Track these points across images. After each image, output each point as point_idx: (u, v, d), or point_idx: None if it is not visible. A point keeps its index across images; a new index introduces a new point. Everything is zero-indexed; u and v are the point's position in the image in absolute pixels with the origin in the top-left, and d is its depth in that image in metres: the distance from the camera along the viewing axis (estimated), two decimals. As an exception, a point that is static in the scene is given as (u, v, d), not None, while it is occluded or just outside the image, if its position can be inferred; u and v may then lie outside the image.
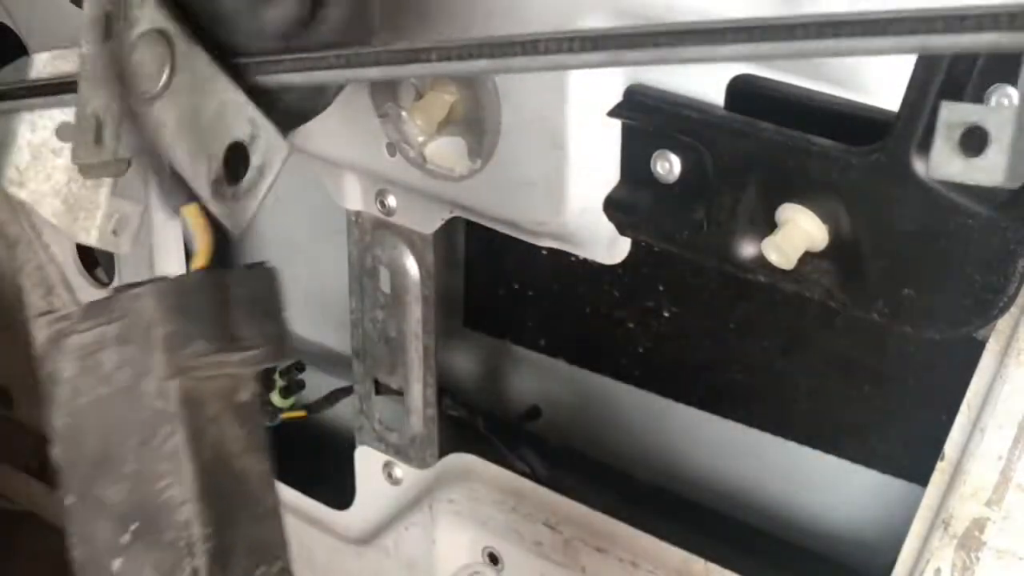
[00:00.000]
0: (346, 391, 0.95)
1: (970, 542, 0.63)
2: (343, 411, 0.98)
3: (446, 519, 0.88)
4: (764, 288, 0.81)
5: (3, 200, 1.11)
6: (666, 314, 0.88)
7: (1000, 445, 0.61)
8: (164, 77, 0.53)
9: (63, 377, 0.56)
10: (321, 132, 0.79)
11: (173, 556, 0.54)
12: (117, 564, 0.55)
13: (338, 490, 0.99)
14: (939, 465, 0.65)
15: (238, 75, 0.53)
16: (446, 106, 0.70)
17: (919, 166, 0.55)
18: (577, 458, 0.97)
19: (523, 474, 0.86)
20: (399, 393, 0.89)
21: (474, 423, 0.90)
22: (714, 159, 0.61)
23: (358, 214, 0.84)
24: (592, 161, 0.67)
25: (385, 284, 0.85)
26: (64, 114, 0.70)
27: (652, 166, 0.65)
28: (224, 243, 1.20)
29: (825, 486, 0.86)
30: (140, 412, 0.54)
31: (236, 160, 0.54)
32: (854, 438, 0.83)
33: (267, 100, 0.54)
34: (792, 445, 0.86)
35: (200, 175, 0.54)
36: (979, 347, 0.61)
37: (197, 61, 0.53)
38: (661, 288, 0.87)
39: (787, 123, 0.59)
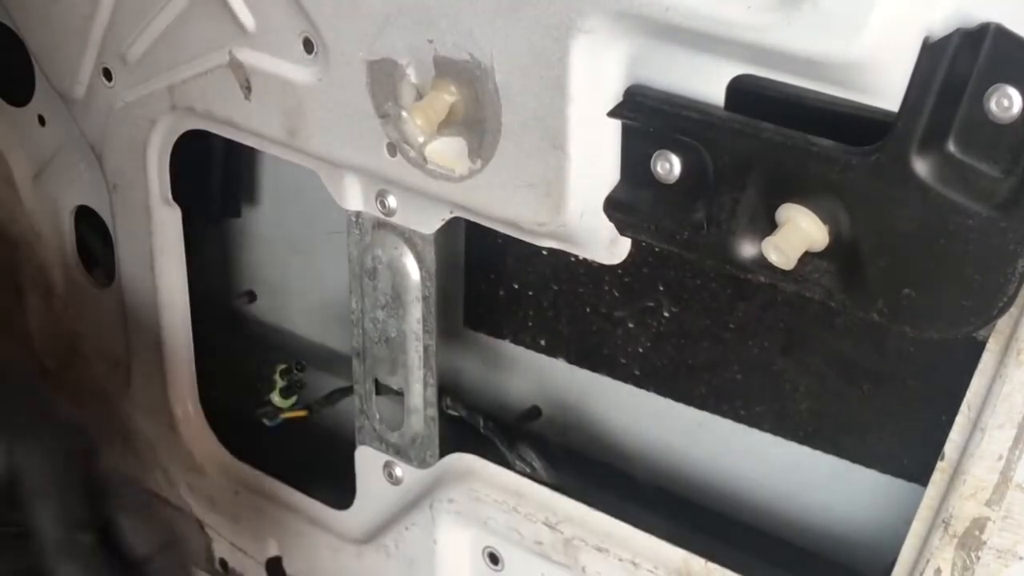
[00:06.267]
0: (346, 391, 0.95)
1: (970, 542, 0.64)
2: (343, 411, 0.98)
3: (446, 519, 0.88)
4: (764, 288, 0.82)
5: (3, 201, 1.11)
6: (666, 314, 0.88)
7: (1000, 445, 0.61)
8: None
9: None
10: (321, 132, 0.79)
11: None
12: None
13: (338, 490, 0.99)
14: (939, 465, 0.65)
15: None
16: (446, 106, 0.70)
17: (919, 166, 0.55)
18: (577, 458, 0.97)
19: (523, 474, 0.86)
20: (399, 393, 0.89)
21: (474, 423, 0.90)
22: (714, 159, 0.62)
23: (358, 214, 0.84)
24: (592, 161, 0.67)
25: (385, 284, 0.85)
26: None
27: (652, 166, 0.65)
28: (224, 244, 1.21)
29: (825, 486, 0.86)
30: None
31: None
32: (854, 438, 0.83)
33: None
34: (792, 445, 0.86)
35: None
36: (979, 347, 0.61)
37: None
38: (661, 288, 0.87)
39: (787, 123, 0.59)
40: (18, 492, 0.69)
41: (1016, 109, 0.52)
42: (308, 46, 0.76)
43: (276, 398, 1.00)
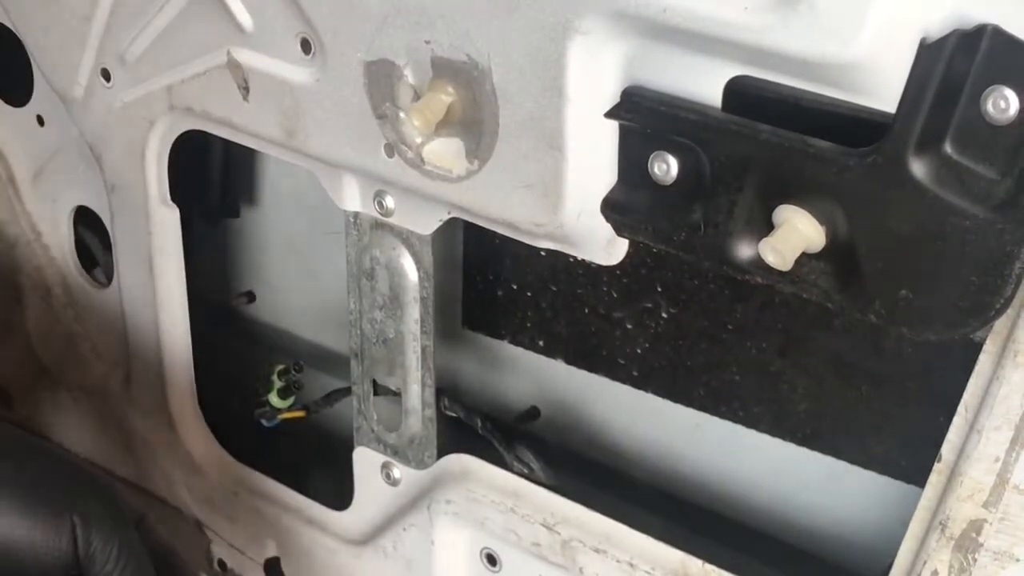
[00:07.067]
0: (345, 392, 0.95)
1: (967, 544, 0.64)
2: (342, 412, 0.98)
3: (444, 520, 0.88)
4: (761, 289, 0.82)
5: (3, 201, 1.11)
6: (664, 315, 0.88)
7: (997, 447, 0.61)
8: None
9: None
10: (319, 133, 0.79)
11: None
12: None
13: (337, 490, 0.99)
14: (936, 467, 0.65)
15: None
16: (444, 107, 0.70)
17: (916, 168, 0.55)
18: (575, 459, 0.97)
19: (521, 475, 0.86)
20: (397, 394, 0.89)
21: (472, 424, 0.90)
22: (711, 161, 0.62)
23: (356, 215, 0.84)
24: (589, 162, 0.67)
25: (383, 285, 0.85)
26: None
27: (649, 167, 0.65)
28: (223, 244, 1.21)
29: (823, 487, 0.86)
30: None
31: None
32: (851, 439, 0.83)
33: None
34: (790, 446, 0.86)
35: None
36: (976, 348, 0.61)
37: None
38: (659, 289, 0.87)
39: (784, 124, 0.59)
40: (90, 569, 0.72)
41: (1013, 110, 0.52)
42: (306, 46, 0.76)
43: (274, 399, 1.00)
